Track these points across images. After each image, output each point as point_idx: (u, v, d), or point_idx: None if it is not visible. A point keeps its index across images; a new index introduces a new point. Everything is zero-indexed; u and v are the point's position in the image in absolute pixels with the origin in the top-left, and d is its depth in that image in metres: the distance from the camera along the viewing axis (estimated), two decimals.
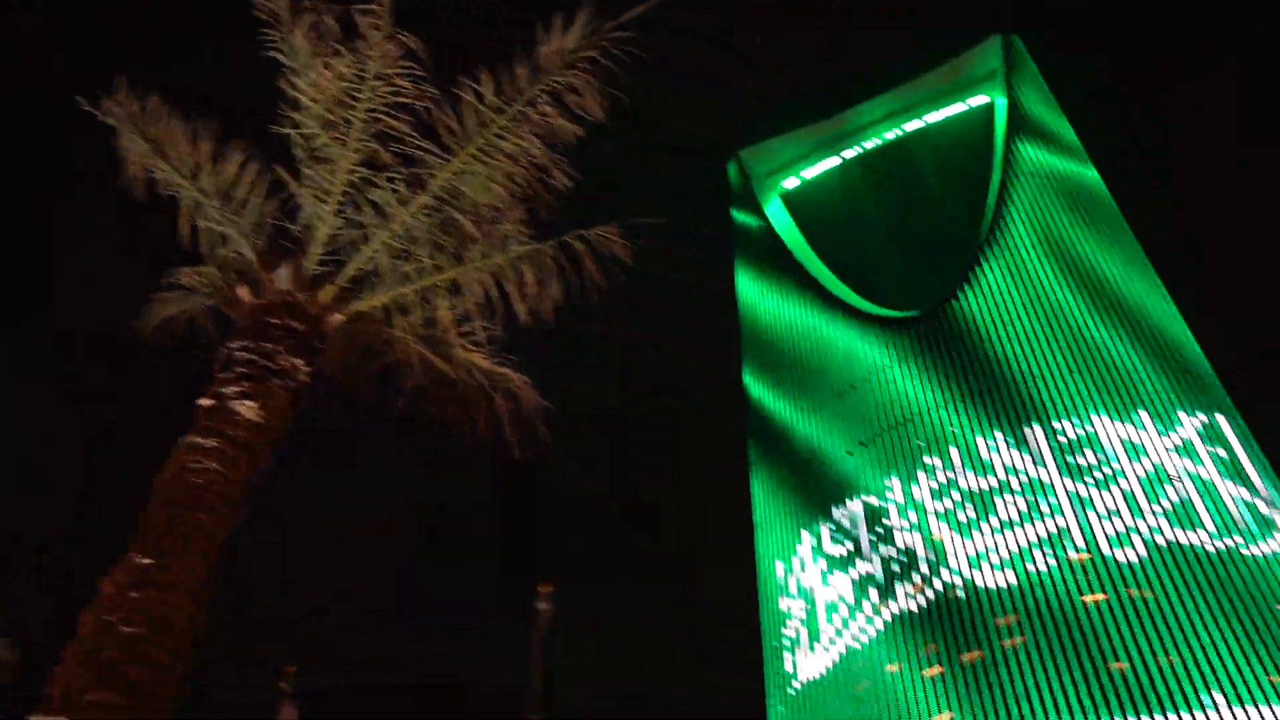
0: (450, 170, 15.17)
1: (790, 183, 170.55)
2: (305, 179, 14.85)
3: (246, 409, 12.28)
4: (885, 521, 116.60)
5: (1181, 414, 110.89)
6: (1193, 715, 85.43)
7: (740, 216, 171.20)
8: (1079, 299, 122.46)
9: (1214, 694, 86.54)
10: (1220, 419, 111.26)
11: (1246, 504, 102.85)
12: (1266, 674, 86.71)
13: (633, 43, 15.19)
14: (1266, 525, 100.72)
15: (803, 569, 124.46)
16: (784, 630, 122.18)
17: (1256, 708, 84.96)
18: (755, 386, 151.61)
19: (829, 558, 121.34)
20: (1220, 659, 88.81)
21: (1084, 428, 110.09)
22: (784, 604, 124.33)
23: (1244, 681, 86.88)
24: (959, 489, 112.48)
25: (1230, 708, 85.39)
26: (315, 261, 14.39)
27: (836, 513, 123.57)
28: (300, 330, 13.39)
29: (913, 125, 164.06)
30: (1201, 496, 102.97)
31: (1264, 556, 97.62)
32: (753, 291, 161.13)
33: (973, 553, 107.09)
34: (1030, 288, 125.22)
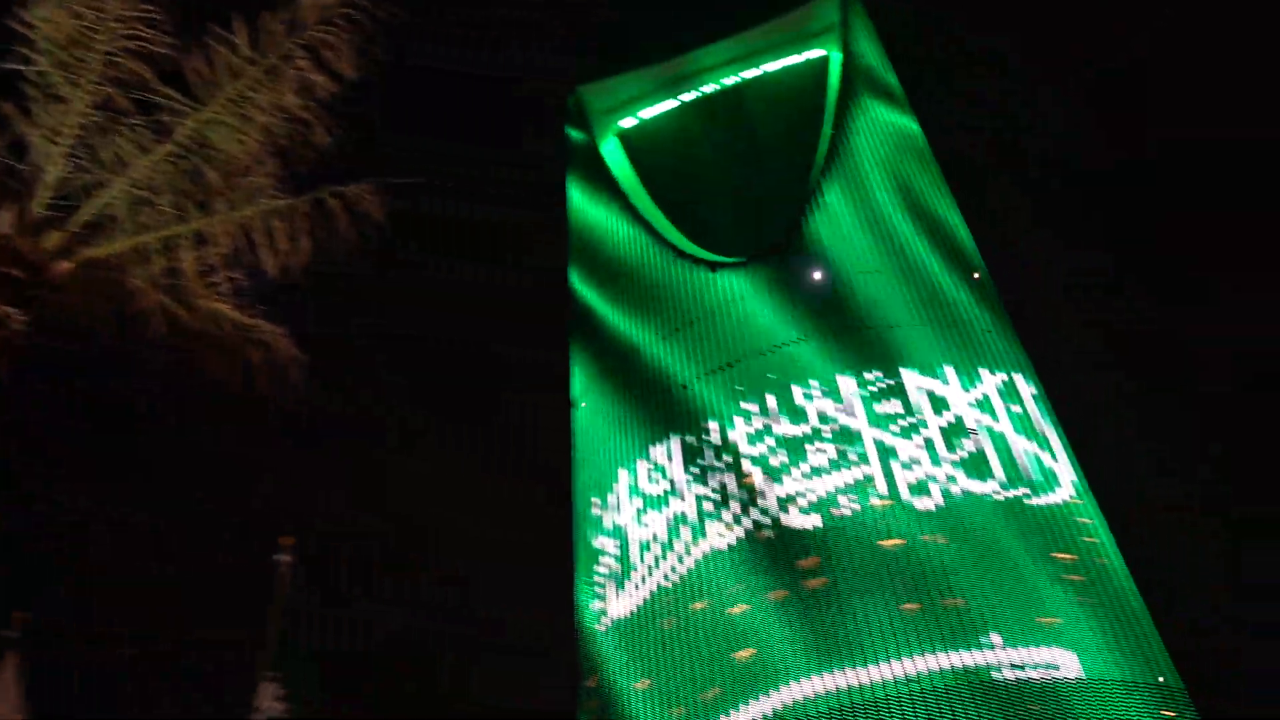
0: (198, 120, 14.82)
1: (627, 122, 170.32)
2: (36, 118, 14.26)
3: None
4: (701, 461, 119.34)
5: (984, 371, 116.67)
6: (971, 655, 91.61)
7: (575, 135, 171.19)
8: (920, 248, 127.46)
9: (993, 634, 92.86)
10: (1018, 378, 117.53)
11: (1035, 458, 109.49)
12: (1037, 617, 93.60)
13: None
14: (1050, 478, 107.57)
15: (618, 507, 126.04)
16: (597, 568, 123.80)
17: (1027, 647, 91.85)
18: (580, 326, 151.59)
19: (645, 496, 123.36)
20: (1000, 602, 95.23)
21: (892, 379, 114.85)
22: (598, 542, 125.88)
23: (1019, 624, 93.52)
24: (773, 434, 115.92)
25: (1005, 647, 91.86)
26: (43, 205, 13.86)
27: (654, 451, 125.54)
28: (18, 277, 12.93)
29: (751, 73, 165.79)
30: (995, 449, 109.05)
31: (1046, 507, 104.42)
32: (583, 223, 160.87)
33: (783, 495, 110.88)
34: (869, 234, 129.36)
